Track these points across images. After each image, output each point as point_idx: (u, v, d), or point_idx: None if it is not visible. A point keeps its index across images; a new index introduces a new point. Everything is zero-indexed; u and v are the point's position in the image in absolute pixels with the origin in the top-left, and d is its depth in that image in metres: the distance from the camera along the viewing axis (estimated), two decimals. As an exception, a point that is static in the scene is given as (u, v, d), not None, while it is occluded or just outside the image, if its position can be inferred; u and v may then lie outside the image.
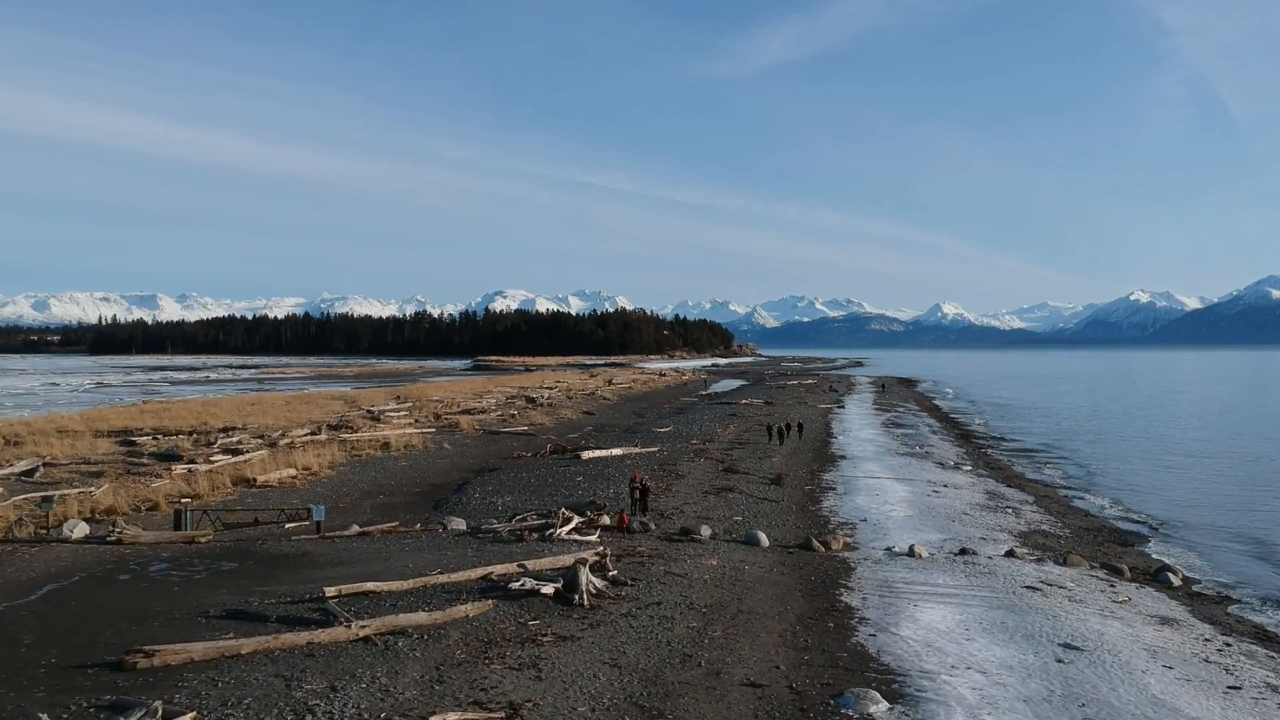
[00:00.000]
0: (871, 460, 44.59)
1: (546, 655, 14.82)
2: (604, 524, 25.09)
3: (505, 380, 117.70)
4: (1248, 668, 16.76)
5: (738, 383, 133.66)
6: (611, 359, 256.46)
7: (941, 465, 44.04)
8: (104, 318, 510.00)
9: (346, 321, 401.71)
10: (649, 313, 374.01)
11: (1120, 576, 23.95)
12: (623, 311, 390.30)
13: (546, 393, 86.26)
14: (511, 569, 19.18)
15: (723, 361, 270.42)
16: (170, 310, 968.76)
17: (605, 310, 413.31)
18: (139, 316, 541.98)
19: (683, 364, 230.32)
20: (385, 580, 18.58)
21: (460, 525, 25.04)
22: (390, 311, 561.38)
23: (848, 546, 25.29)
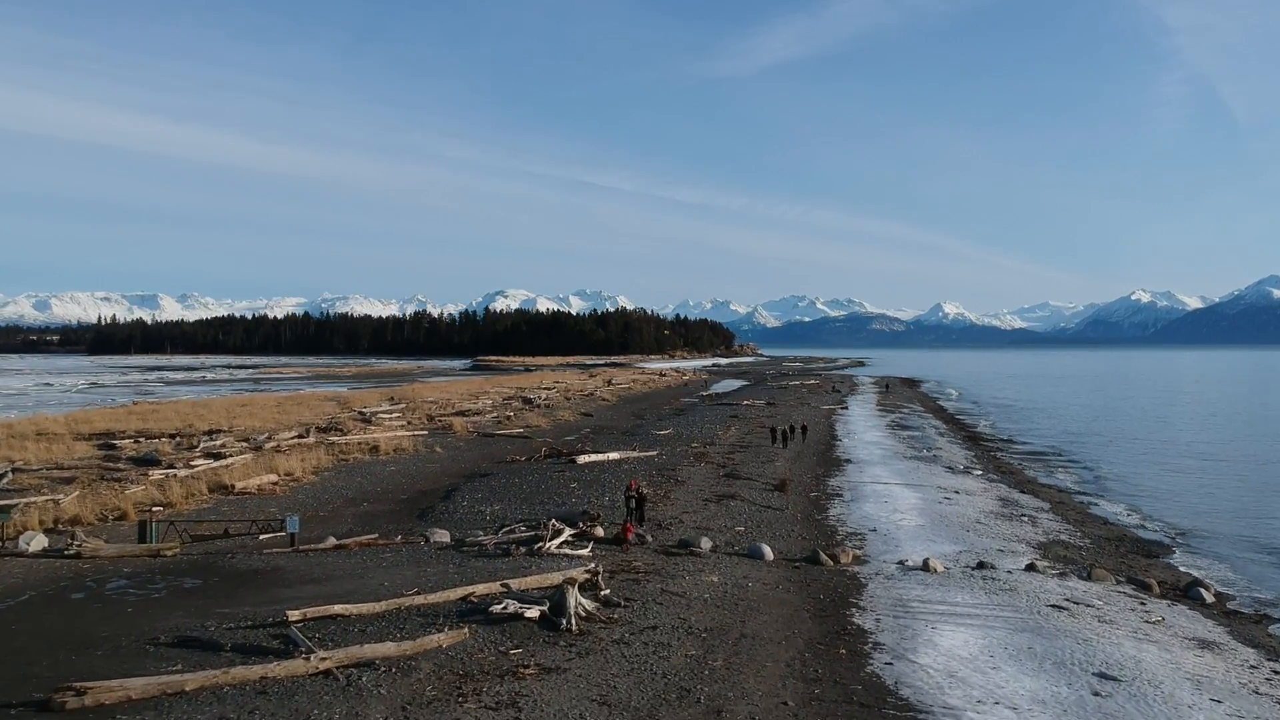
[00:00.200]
0: (878, 464, 43.01)
1: (528, 691, 13.29)
2: (597, 536, 23.51)
3: (503, 381, 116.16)
4: (1304, 701, 15.22)
5: (739, 383, 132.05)
6: (612, 359, 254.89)
7: (951, 469, 42.48)
8: (104, 318, 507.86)
9: (346, 321, 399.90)
10: (650, 312, 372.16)
11: (1149, 592, 22.42)
12: (623, 311, 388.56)
13: (544, 393, 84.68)
14: (494, 589, 17.65)
15: (724, 361, 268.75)
16: (171, 310, 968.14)
17: (606, 310, 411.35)
18: (140, 316, 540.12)
19: (683, 364, 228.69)
20: (356, 602, 17.06)
21: (444, 537, 23.49)
22: (391, 311, 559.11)
23: (857, 560, 23.73)
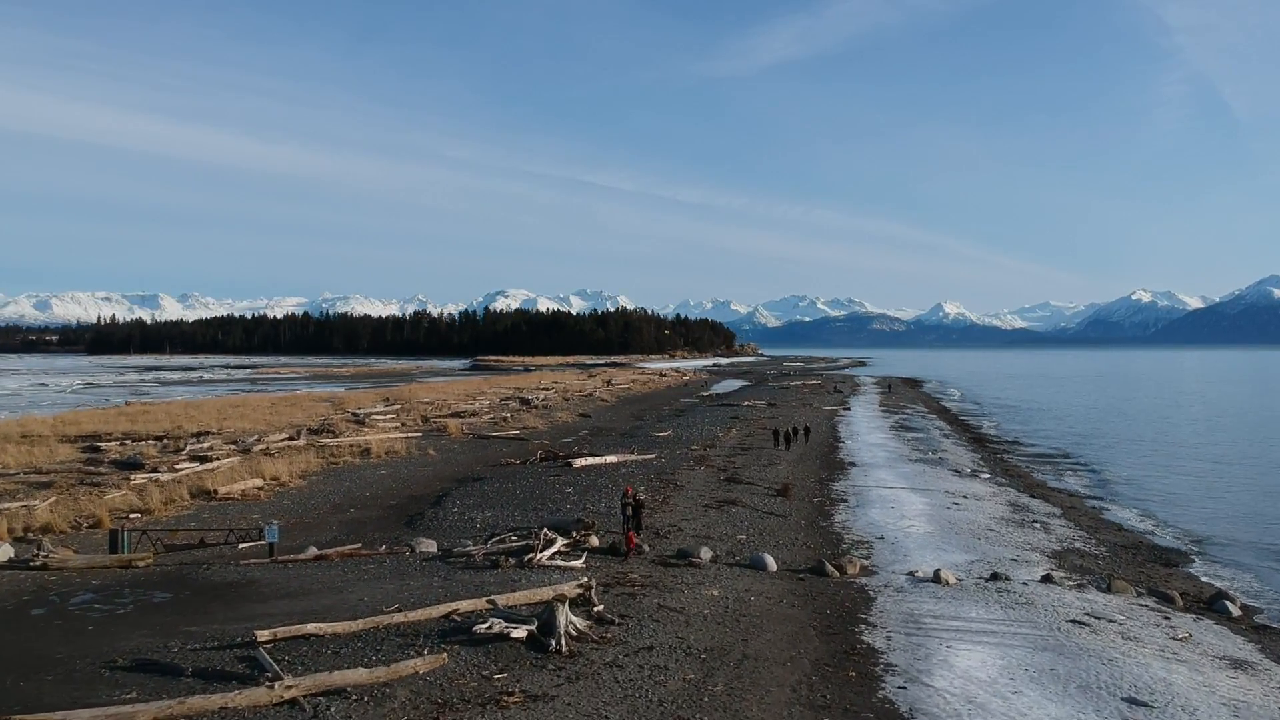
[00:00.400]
0: (883, 467, 41.89)
1: (511, 722, 12.19)
2: (592, 546, 22.39)
3: (502, 381, 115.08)
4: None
5: (740, 383, 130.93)
6: (612, 359, 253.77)
7: (958, 473, 41.36)
8: (104, 318, 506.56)
9: (345, 321, 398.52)
10: (650, 312, 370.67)
11: (1172, 605, 21.30)
12: (623, 311, 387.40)
13: (542, 394, 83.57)
14: (480, 605, 16.54)
15: (724, 361, 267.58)
16: (172, 310, 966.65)
17: (606, 310, 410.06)
18: (140, 316, 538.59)
19: (684, 364, 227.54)
20: (332, 619, 15.96)
21: (430, 547, 22.36)
22: (392, 311, 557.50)
23: (865, 571, 22.61)
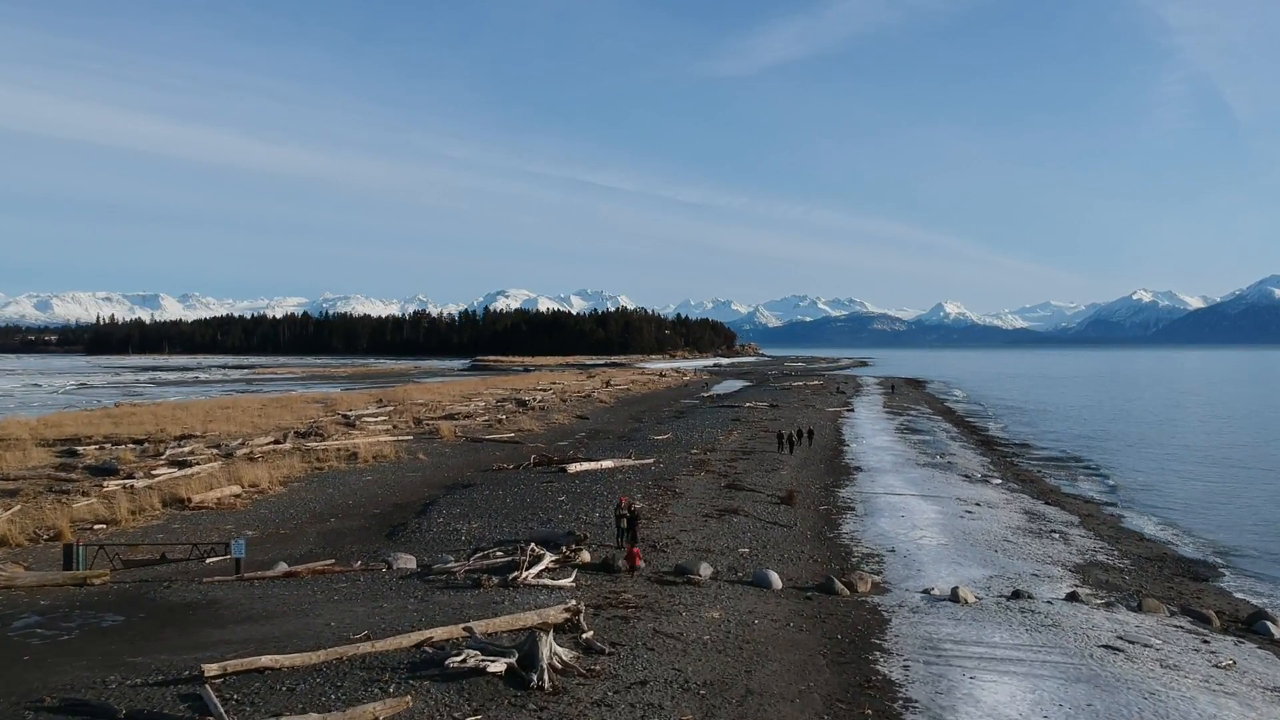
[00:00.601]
0: (890, 472, 40.32)
1: (482, 778, 10.65)
2: (583, 562, 20.82)
3: (500, 381, 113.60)
4: None
5: (741, 384, 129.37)
6: (612, 359, 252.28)
7: (968, 478, 39.79)
8: (104, 317, 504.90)
9: (345, 321, 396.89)
10: (651, 312, 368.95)
11: (1209, 626, 19.75)
12: (624, 311, 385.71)
13: (539, 395, 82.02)
14: (456, 633, 14.98)
15: (725, 361, 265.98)
16: (173, 310, 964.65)
17: (607, 310, 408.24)
18: (140, 316, 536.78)
19: (684, 364, 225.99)
20: (292, 649, 14.40)
21: (409, 563, 20.79)
22: (393, 311, 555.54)
23: (877, 588, 21.05)
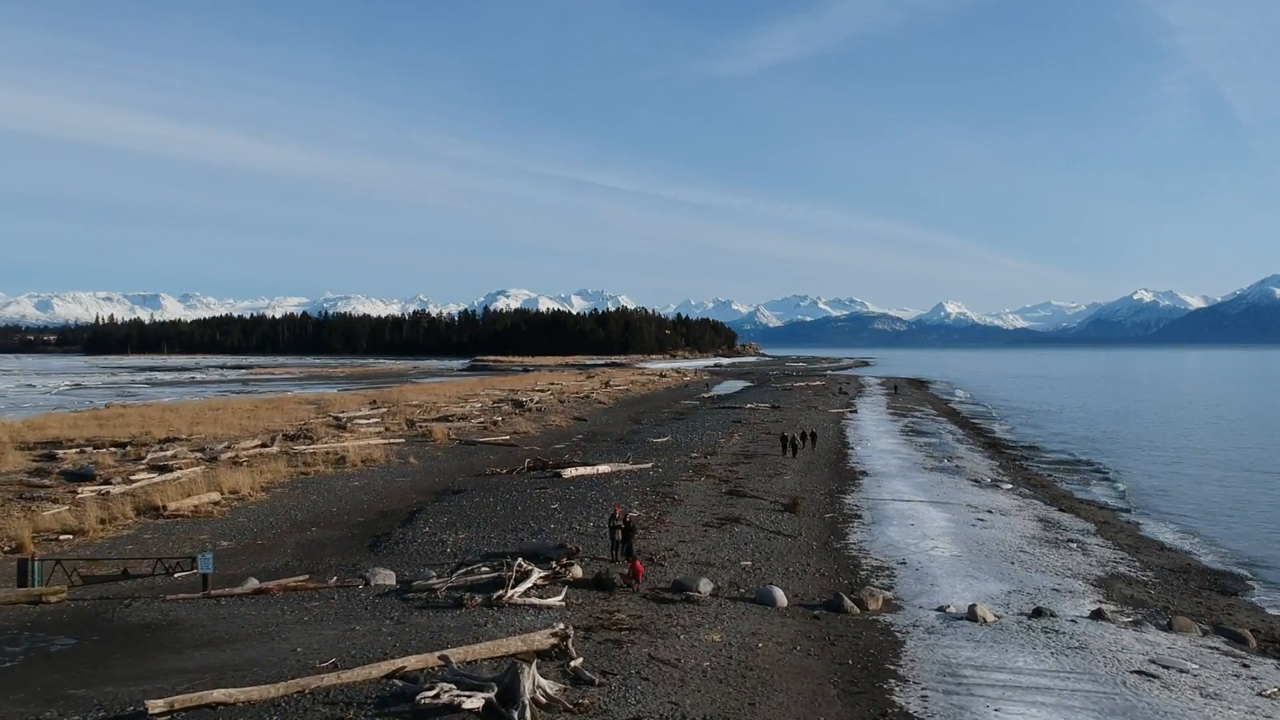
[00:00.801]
0: (897, 477, 38.95)
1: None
2: (575, 578, 19.46)
3: (498, 382, 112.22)
4: None
5: (741, 384, 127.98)
6: (612, 359, 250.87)
7: (978, 483, 38.43)
8: (104, 317, 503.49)
9: (344, 321, 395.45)
10: (651, 312, 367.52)
11: (1246, 647, 18.42)
12: (624, 310, 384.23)
13: (537, 396, 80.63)
14: (431, 661, 13.64)
15: (726, 361, 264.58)
16: (173, 310, 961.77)
17: (607, 310, 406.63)
18: (140, 316, 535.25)
19: (685, 364, 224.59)
20: (250, 681, 13.07)
21: (388, 579, 19.44)
22: (393, 311, 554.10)
23: (888, 605, 19.70)
